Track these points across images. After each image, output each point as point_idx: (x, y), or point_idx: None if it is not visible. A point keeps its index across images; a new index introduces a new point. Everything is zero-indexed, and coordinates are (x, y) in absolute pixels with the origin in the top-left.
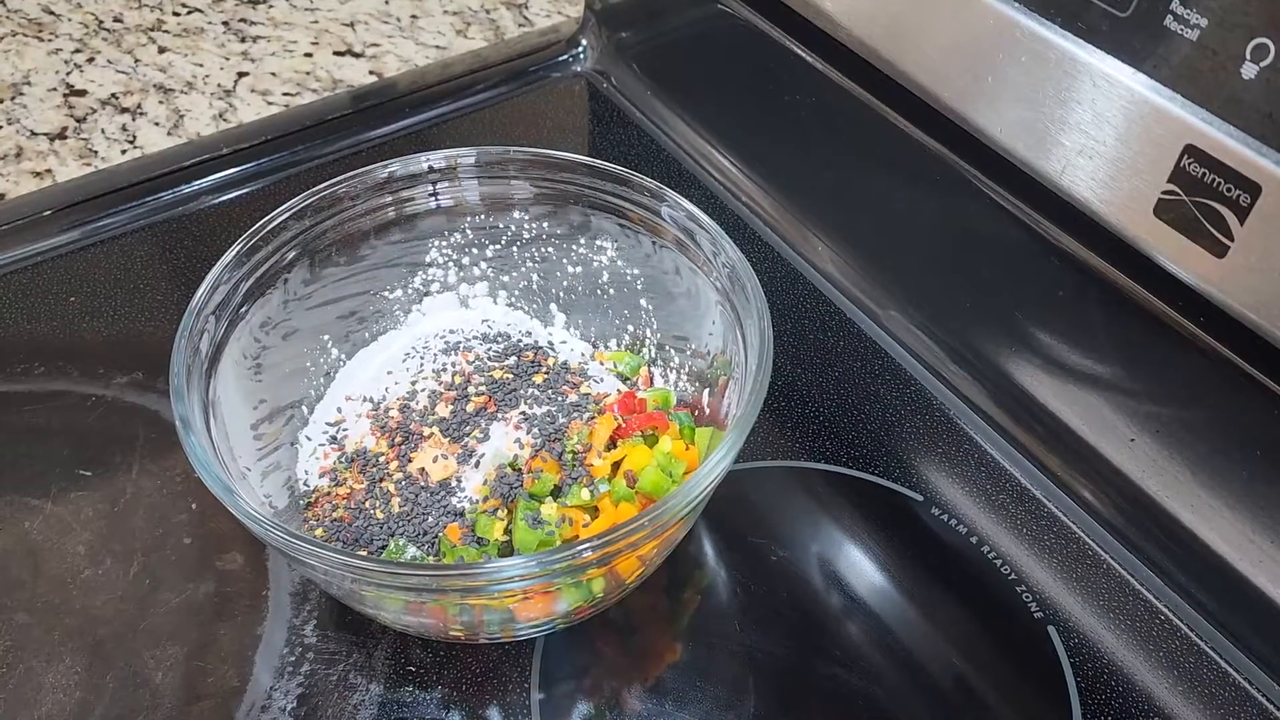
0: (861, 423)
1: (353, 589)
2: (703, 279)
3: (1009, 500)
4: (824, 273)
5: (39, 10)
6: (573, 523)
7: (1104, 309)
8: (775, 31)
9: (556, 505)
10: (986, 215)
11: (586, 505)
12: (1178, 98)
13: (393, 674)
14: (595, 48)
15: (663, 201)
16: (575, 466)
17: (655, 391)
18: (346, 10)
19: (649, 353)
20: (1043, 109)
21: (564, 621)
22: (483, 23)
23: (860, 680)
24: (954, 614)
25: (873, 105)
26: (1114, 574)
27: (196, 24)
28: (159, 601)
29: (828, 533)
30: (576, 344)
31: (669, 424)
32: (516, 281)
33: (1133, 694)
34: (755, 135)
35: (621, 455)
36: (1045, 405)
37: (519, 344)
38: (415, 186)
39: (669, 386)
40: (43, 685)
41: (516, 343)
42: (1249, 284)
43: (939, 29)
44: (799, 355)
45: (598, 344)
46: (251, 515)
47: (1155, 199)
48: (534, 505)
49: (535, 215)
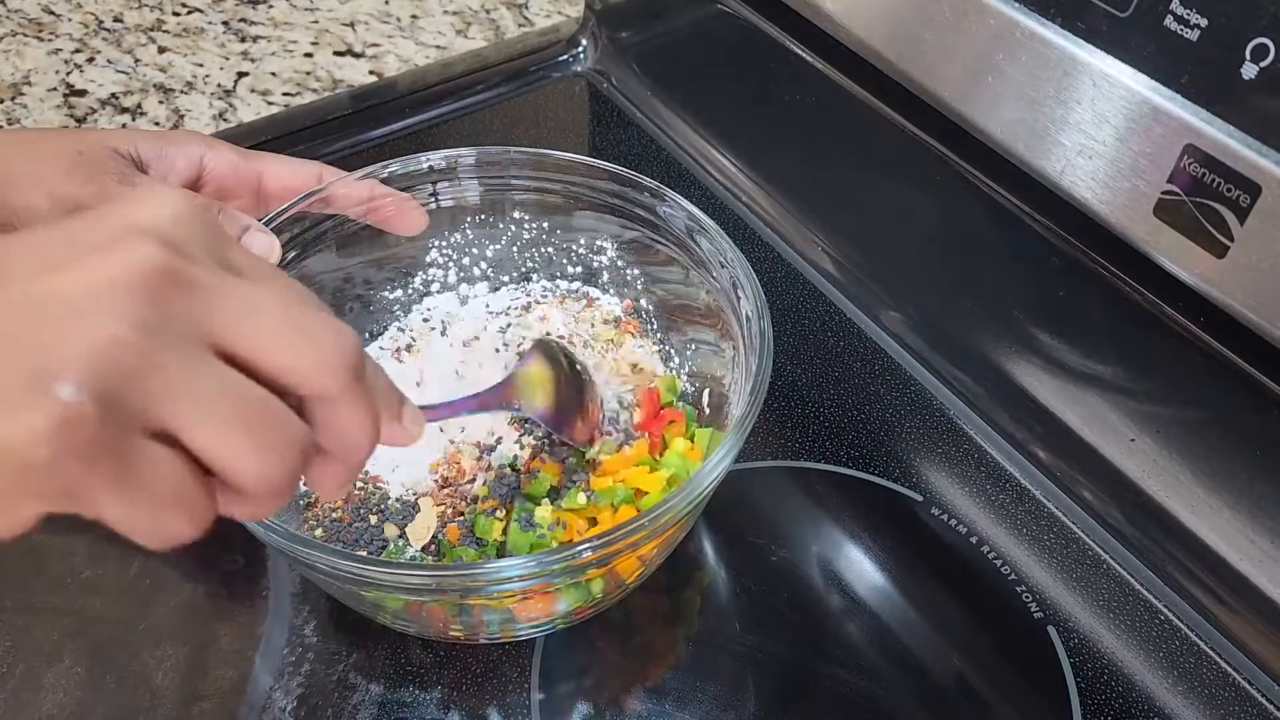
0: (861, 423)
1: (352, 589)
2: (703, 278)
3: (1009, 500)
4: (824, 273)
5: (39, 10)
6: (567, 527)
7: (1104, 309)
8: (775, 31)
9: (552, 509)
10: (986, 215)
11: (582, 510)
12: (1178, 98)
13: (393, 674)
14: (595, 48)
15: (662, 201)
16: (577, 470)
17: (662, 379)
18: (346, 10)
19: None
20: (1043, 109)
21: (564, 621)
22: (483, 23)
23: (860, 680)
24: (954, 614)
25: (873, 105)
26: (1114, 574)
27: (196, 24)
28: (159, 601)
29: (828, 533)
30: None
31: (681, 414)
32: (516, 281)
33: (1133, 694)
34: (755, 135)
35: (625, 468)
36: (1045, 405)
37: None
38: (415, 186)
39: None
40: (43, 685)
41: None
42: (1249, 284)
43: (939, 29)
44: (799, 355)
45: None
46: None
47: (1155, 199)
48: (529, 507)
49: (535, 215)
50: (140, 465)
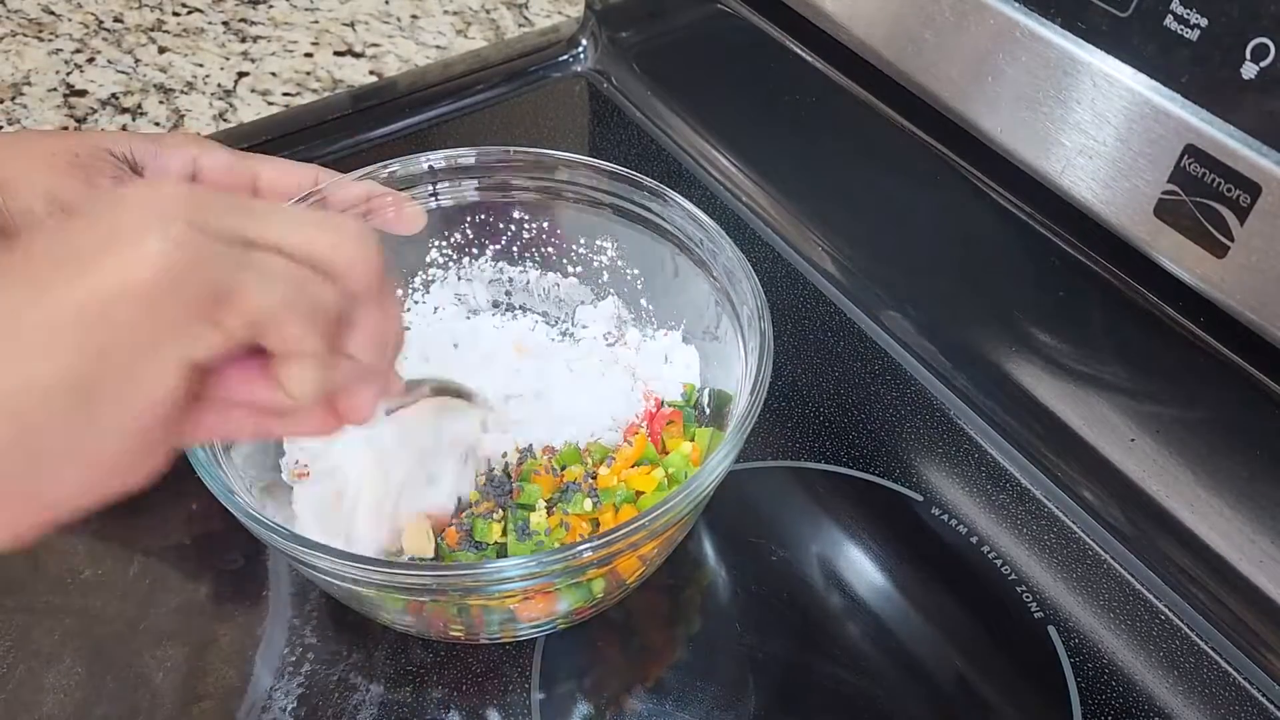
0: (861, 423)
1: (353, 590)
2: (703, 278)
3: (1009, 500)
4: (824, 272)
5: (39, 10)
6: (570, 529)
7: (1104, 309)
8: (775, 31)
9: (549, 516)
10: (986, 215)
11: (588, 515)
12: (1178, 98)
13: (393, 674)
14: (595, 48)
15: (663, 201)
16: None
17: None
18: (347, 10)
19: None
20: (1043, 109)
21: (564, 621)
22: (483, 23)
23: (860, 680)
24: (954, 614)
25: (873, 105)
26: (1114, 574)
27: (196, 24)
28: (159, 601)
29: (828, 533)
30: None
31: (679, 415)
32: (517, 281)
33: (1133, 694)
34: (755, 135)
35: (626, 467)
36: (1045, 405)
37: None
38: (415, 186)
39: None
40: (43, 686)
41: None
42: (1249, 284)
43: (939, 29)
44: (799, 355)
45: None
46: (254, 516)
47: (1155, 199)
48: (524, 515)
49: (536, 215)
50: (251, 263)
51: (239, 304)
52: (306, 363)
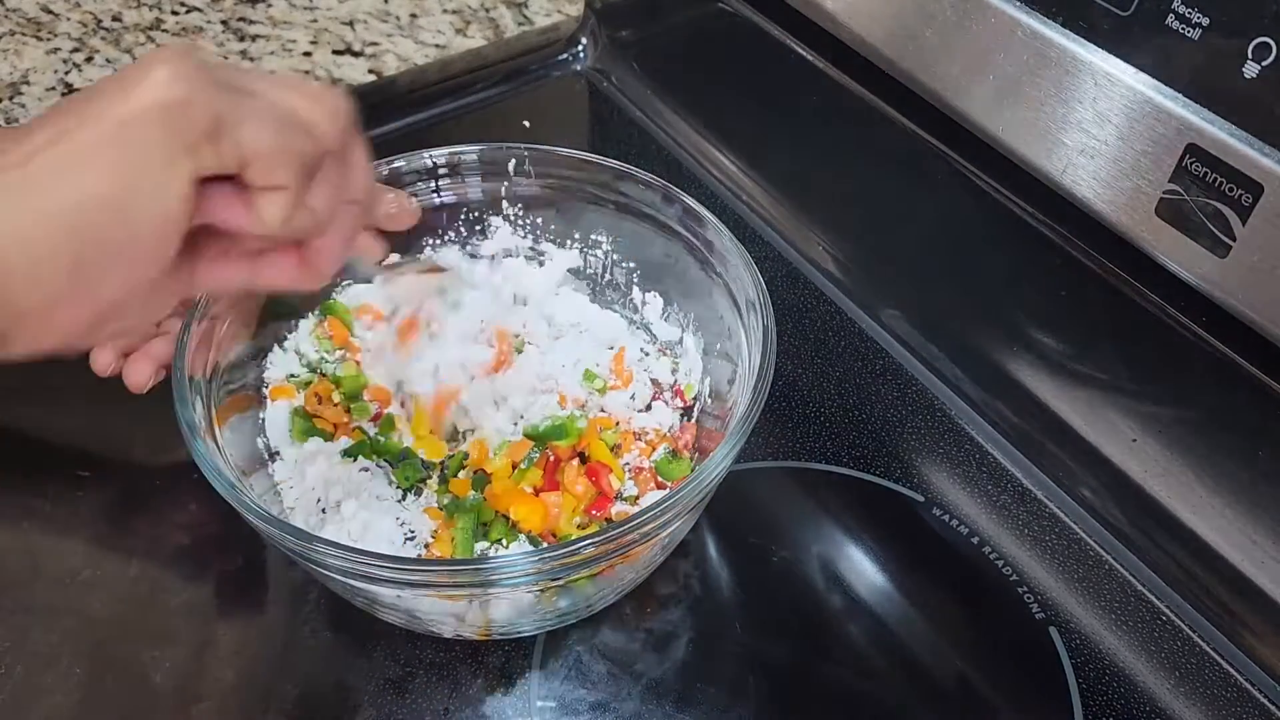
0: (861, 423)
1: (362, 586)
2: (703, 275)
3: (1010, 500)
4: (824, 272)
5: (37, 9)
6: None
7: (1105, 309)
8: (775, 30)
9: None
10: (987, 215)
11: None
12: (1179, 97)
13: (393, 674)
14: (595, 46)
15: (664, 197)
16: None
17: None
18: (346, 9)
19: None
20: (1044, 108)
21: (564, 620)
22: (482, 21)
23: (860, 680)
24: (955, 614)
25: (873, 104)
26: (1116, 574)
27: (195, 23)
28: (159, 601)
29: (828, 533)
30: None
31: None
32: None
33: (1134, 695)
34: (755, 135)
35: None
36: (1046, 405)
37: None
38: (418, 183)
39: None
40: (43, 686)
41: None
42: (1251, 284)
43: (940, 28)
44: (799, 355)
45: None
46: (262, 515)
47: (1157, 198)
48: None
49: (537, 212)
50: (244, 104)
51: (233, 133)
52: (280, 195)
